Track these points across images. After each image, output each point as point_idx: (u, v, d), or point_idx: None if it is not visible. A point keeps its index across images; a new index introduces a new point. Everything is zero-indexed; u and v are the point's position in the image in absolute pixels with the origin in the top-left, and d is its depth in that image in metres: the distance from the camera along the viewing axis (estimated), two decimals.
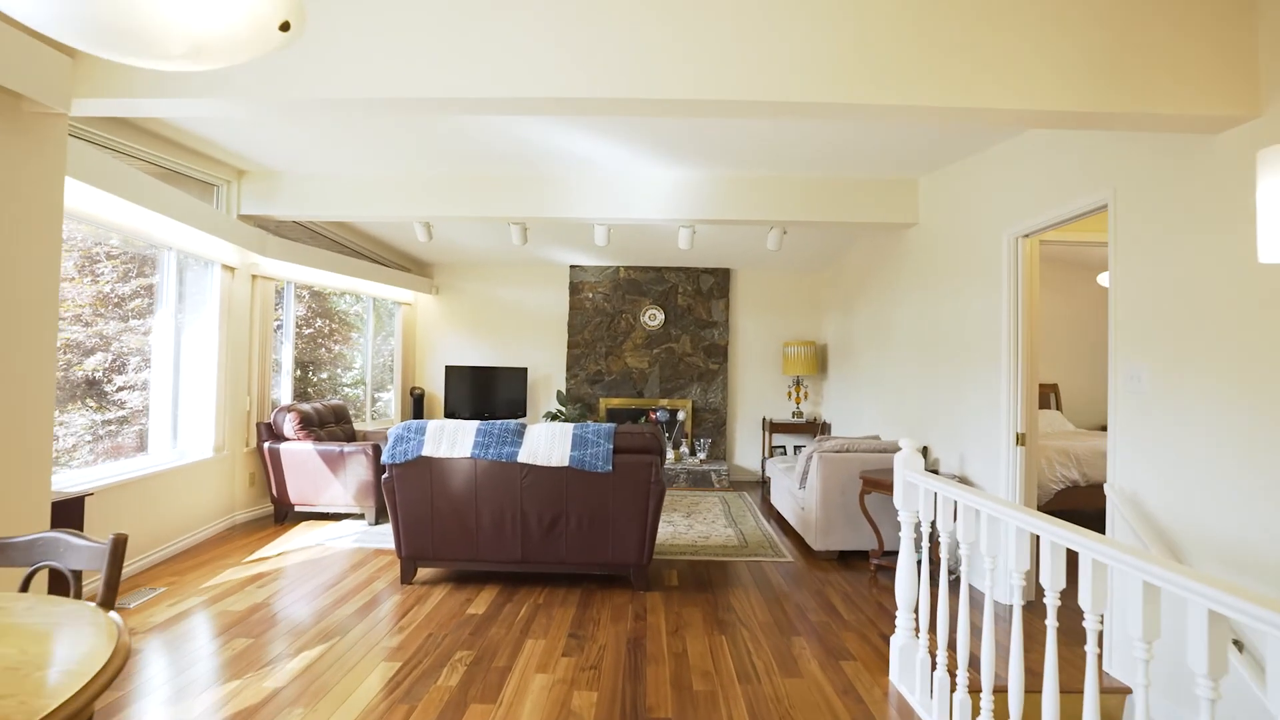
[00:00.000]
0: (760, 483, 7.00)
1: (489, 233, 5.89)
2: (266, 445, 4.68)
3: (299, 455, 4.66)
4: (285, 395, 5.41)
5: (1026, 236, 3.42)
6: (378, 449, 4.67)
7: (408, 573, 3.54)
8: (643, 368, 7.09)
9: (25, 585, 1.52)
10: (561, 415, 6.64)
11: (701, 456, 6.77)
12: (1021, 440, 3.39)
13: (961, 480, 3.81)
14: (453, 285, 7.30)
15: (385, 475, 3.44)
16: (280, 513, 4.80)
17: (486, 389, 6.95)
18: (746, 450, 7.18)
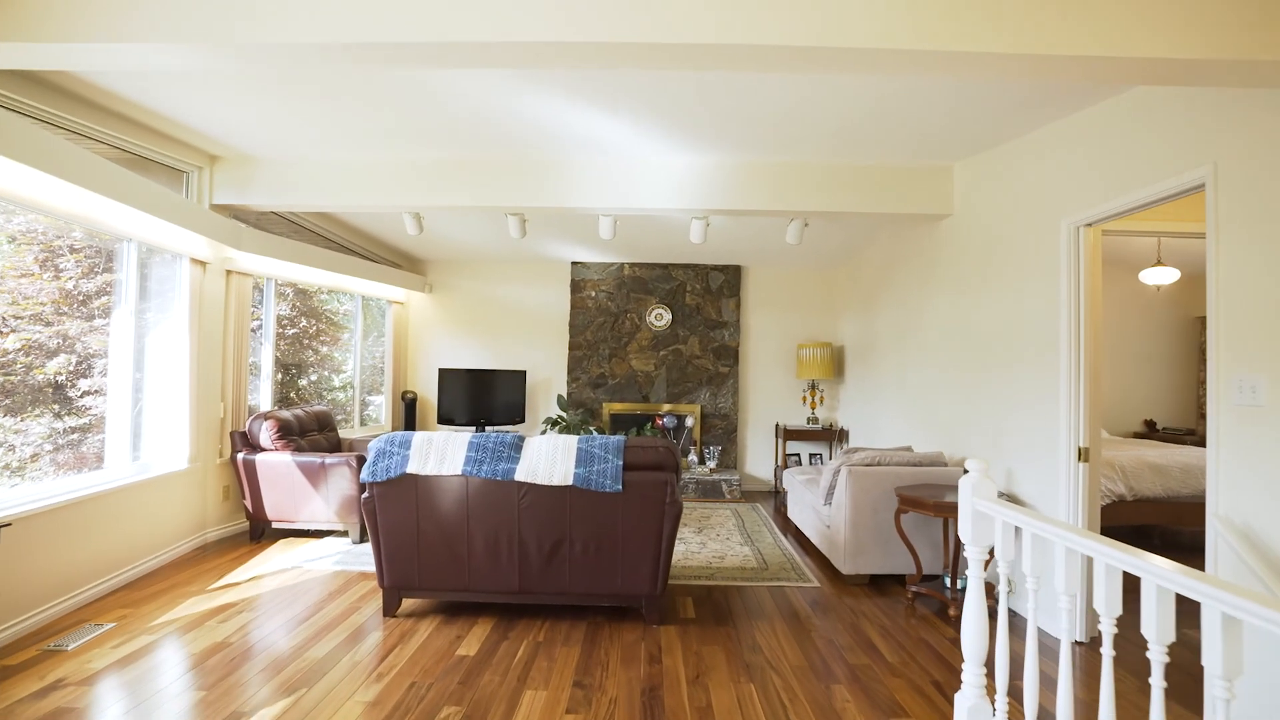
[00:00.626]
0: (773, 493, 6.61)
1: (485, 226, 5.50)
2: (241, 456, 4.28)
3: (276, 467, 4.26)
4: (265, 401, 5.01)
5: (1090, 225, 3.02)
6: (362, 460, 4.27)
7: (391, 604, 3.14)
8: (648, 371, 6.69)
9: None
10: (562, 421, 6.25)
11: (711, 465, 6.37)
12: (1084, 456, 3.00)
13: (1010, 499, 3.42)
14: (447, 283, 6.90)
15: (365, 495, 3.04)
16: (256, 530, 4.40)
17: (483, 393, 6.56)
18: (758, 458, 6.79)
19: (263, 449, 4.34)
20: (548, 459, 3.03)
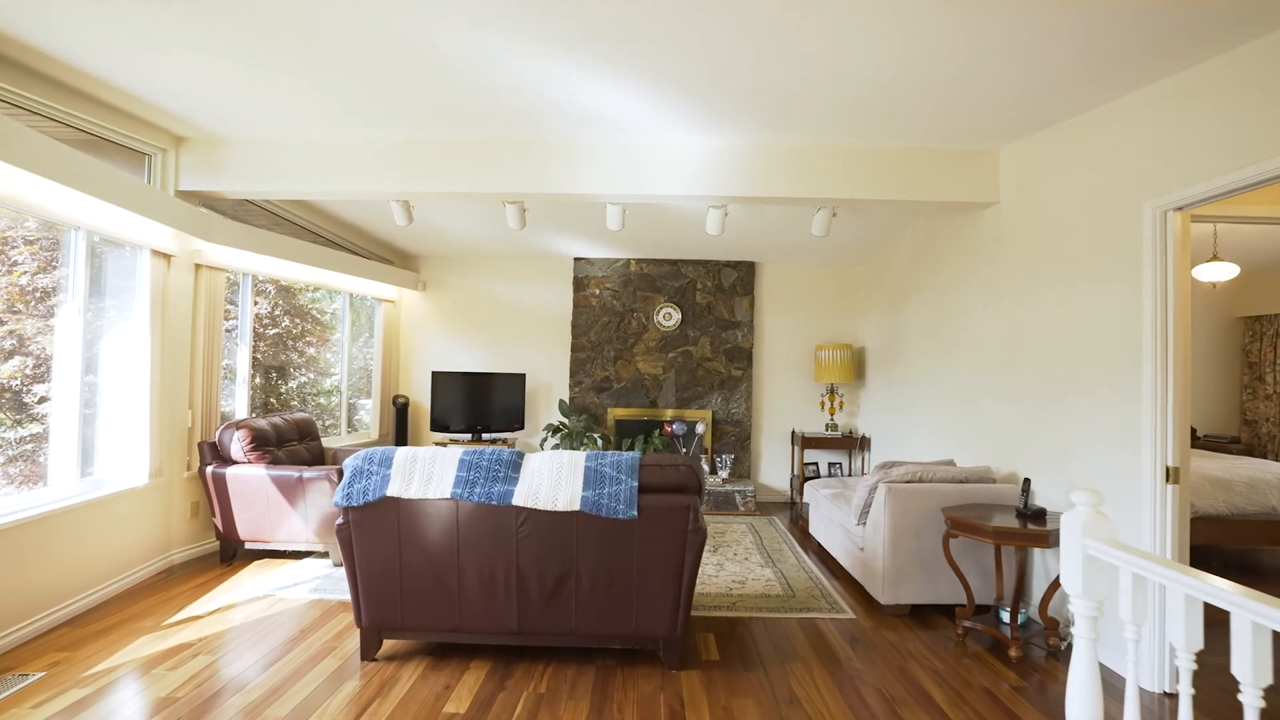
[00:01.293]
0: (789, 504, 6.19)
1: (481, 217, 5.08)
2: (210, 469, 3.87)
3: (249, 481, 3.84)
4: (240, 408, 4.59)
5: (1180, 210, 2.61)
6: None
7: (369, 646, 2.73)
8: (656, 374, 6.28)
9: None
10: (564, 428, 5.83)
11: (724, 475, 5.96)
12: (1173, 477, 2.58)
13: None
14: (441, 280, 6.48)
15: (340, 521, 2.63)
16: (227, 551, 3.98)
17: (479, 397, 6.14)
18: (774, 467, 6.37)
19: (234, 461, 3.92)
20: (551, 480, 2.62)
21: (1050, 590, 2.98)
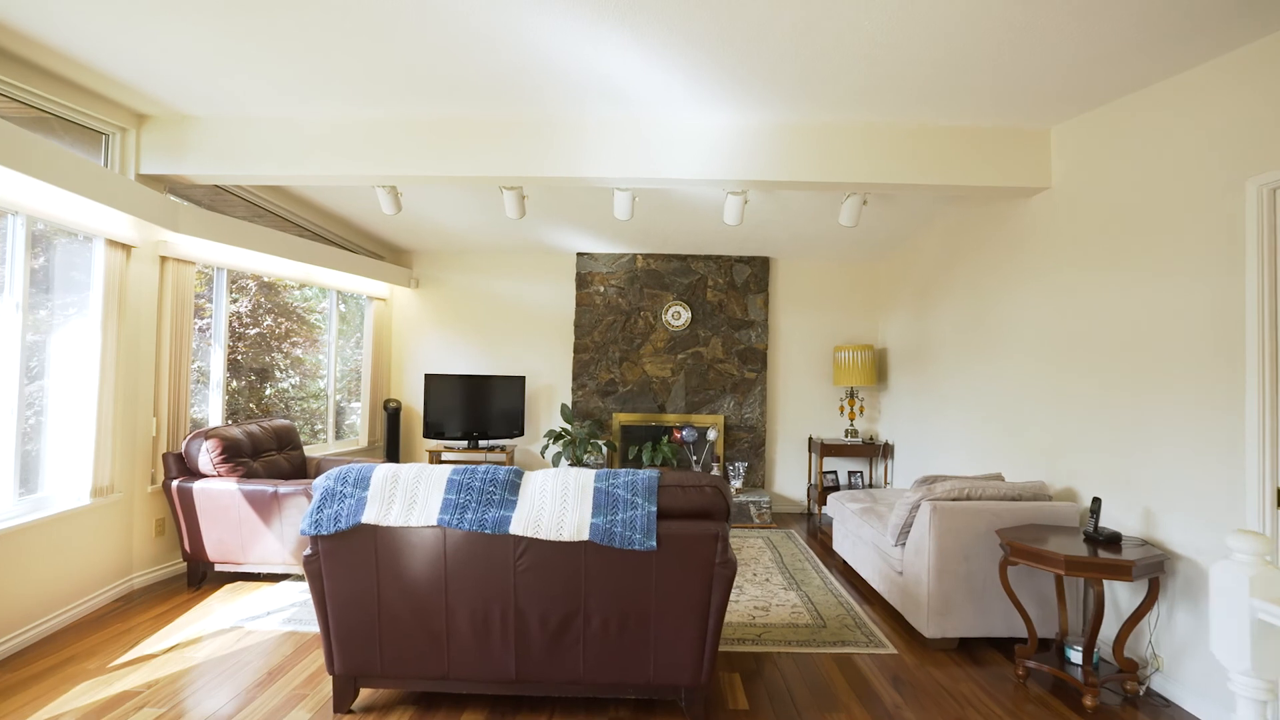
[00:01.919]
0: (806, 515, 5.82)
1: (478, 209, 4.71)
2: (175, 484, 3.48)
3: (219, 497, 3.46)
4: (215, 414, 4.21)
5: None
6: None
7: (344, 697, 2.34)
8: (665, 376, 5.90)
9: None
10: (566, 435, 5.45)
11: (737, 485, 5.58)
12: None
13: (1153, 546, 2.61)
14: (435, 277, 6.10)
15: (308, 552, 2.25)
16: (195, 573, 3.60)
17: (476, 402, 5.75)
18: (789, 476, 5.99)
19: (202, 475, 3.54)
20: (555, 504, 2.23)
21: (1128, 626, 2.60)
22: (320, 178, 3.49)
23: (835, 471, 5.81)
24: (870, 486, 5.83)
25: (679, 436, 5.53)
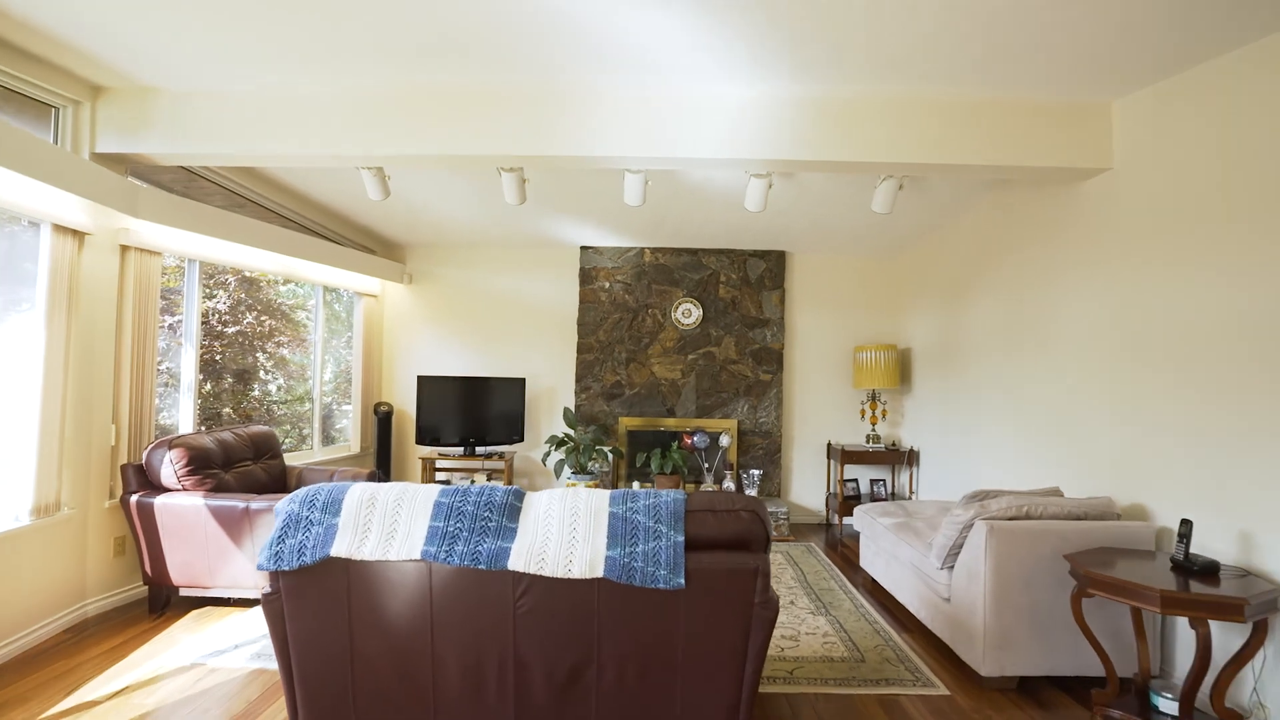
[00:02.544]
0: (824, 526, 5.46)
1: (475, 198, 4.35)
2: (135, 499, 3.12)
3: (183, 513, 3.10)
4: (185, 420, 3.85)
5: None
6: None
7: None
8: (674, 378, 5.53)
9: None
10: (569, 441, 5.09)
11: (752, 494, 5.20)
12: None
13: (1257, 577, 2.25)
14: (430, 272, 5.73)
15: (266, 590, 1.88)
16: (157, 599, 3.23)
17: (472, 405, 5.39)
18: (806, 484, 5.63)
19: (165, 488, 3.18)
20: (563, 532, 1.87)
21: (1229, 671, 2.24)
22: (298, 157, 3.13)
23: (856, 480, 5.45)
24: (893, 495, 5.47)
25: (690, 442, 5.17)
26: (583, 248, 5.55)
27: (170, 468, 3.14)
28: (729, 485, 5.23)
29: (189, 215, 3.45)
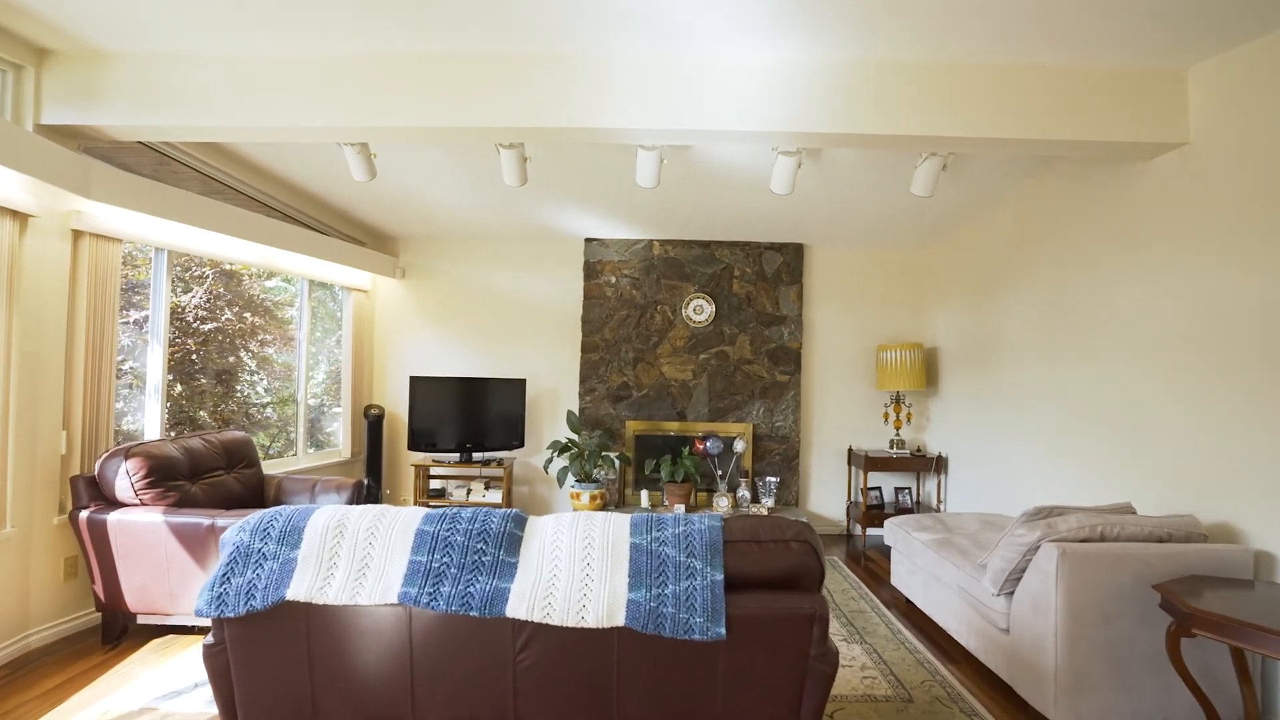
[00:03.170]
0: (845, 536, 5.11)
1: (472, 186, 4.00)
2: (85, 515, 2.76)
3: (140, 531, 2.74)
4: (151, 426, 3.49)
5: None
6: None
7: None
8: (685, 379, 5.18)
9: None
10: (573, 446, 4.73)
11: (769, 504, 4.86)
12: None
13: None
14: (424, 265, 5.38)
15: (209, 641, 1.53)
16: (112, 627, 2.87)
17: (469, 408, 5.04)
18: (826, 492, 5.28)
19: (121, 503, 2.82)
20: (574, 569, 1.52)
21: None
22: (269, 128, 2.77)
23: (879, 488, 5.10)
24: (919, 505, 5.13)
25: (702, 448, 4.81)
26: (587, 240, 5.20)
27: (126, 479, 2.78)
28: (744, 494, 4.88)
29: (150, 198, 3.09)
